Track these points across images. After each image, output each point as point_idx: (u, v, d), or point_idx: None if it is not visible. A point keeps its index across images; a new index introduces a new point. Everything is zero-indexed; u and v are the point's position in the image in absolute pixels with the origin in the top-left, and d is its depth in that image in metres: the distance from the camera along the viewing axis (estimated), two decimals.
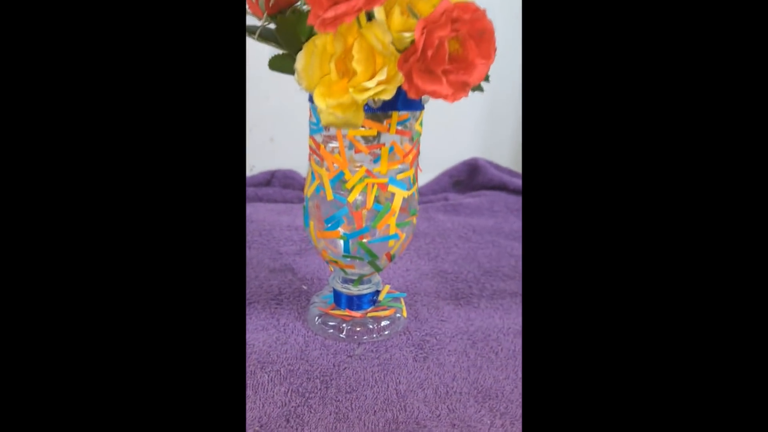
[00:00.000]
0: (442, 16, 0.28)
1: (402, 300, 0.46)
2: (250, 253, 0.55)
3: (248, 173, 0.73)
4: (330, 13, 0.26)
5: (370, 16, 0.31)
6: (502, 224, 0.67)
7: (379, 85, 0.29)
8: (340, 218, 0.39)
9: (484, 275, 0.54)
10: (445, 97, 0.30)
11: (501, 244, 0.62)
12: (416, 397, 0.37)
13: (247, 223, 0.62)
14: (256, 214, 0.65)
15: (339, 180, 0.38)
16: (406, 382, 0.38)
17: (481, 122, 0.82)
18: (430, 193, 0.77)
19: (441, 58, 0.29)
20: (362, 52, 0.30)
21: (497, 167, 0.79)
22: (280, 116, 0.72)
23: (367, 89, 0.29)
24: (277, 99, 0.72)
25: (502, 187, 0.76)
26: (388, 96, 0.30)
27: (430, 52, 0.28)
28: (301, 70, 0.31)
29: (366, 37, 0.29)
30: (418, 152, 0.40)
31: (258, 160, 0.73)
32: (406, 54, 0.29)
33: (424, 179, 0.78)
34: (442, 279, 0.53)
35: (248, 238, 0.59)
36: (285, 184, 0.72)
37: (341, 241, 0.40)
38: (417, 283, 0.52)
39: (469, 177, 0.78)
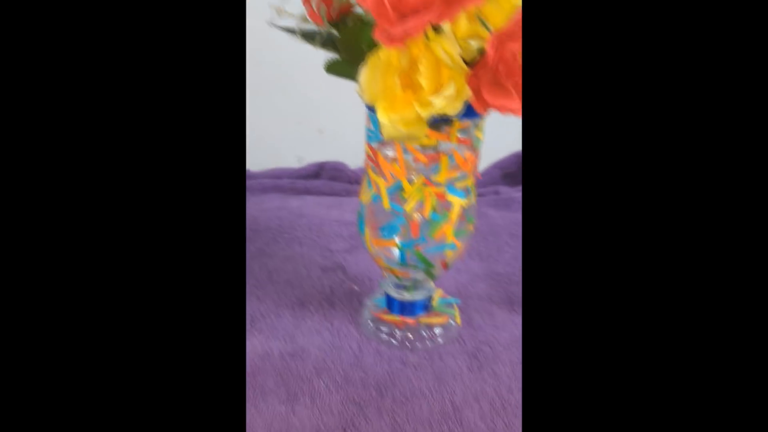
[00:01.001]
0: (515, 28, 0.26)
1: (455, 306, 0.46)
2: (302, 250, 0.56)
3: (297, 165, 0.73)
4: (398, 29, 0.25)
5: (436, 28, 0.29)
6: None
7: (446, 100, 0.28)
8: (397, 227, 0.39)
9: None
10: (515, 112, 0.29)
11: None
12: (472, 410, 0.36)
13: (298, 218, 0.62)
14: (306, 207, 0.65)
15: (397, 189, 0.38)
16: (461, 393, 0.38)
17: None
18: (480, 186, 0.75)
19: (515, 70, 0.27)
20: (429, 66, 0.28)
21: None
22: (328, 108, 0.72)
23: (433, 105, 0.28)
24: (326, 90, 0.71)
25: None
26: (454, 111, 0.29)
27: (501, 67, 0.27)
28: (365, 84, 0.30)
29: (434, 50, 0.28)
30: (478, 158, 0.39)
31: (306, 152, 0.73)
32: (476, 69, 0.28)
33: None
34: (495, 281, 0.52)
35: (299, 233, 0.59)
36: (333, 177, 0.72)
37: (396, 249, 0.40)
38: (469, 286, 0.51)
39: (520, 169, 0.76)
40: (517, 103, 0.28)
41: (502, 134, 0.80)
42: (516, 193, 0.71)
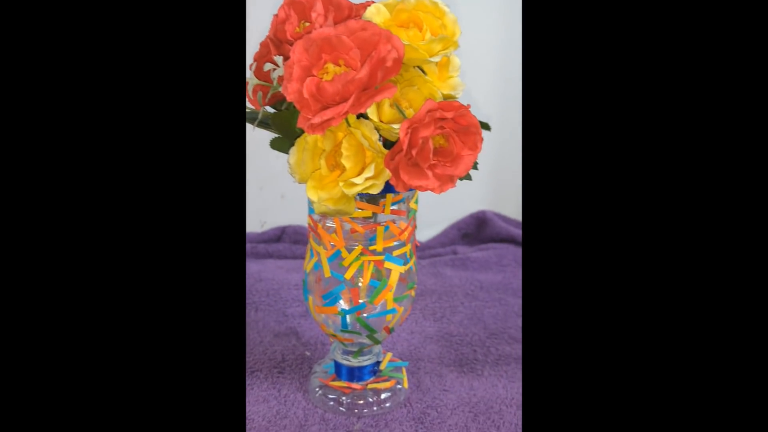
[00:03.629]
0: (426, 116, 0.29)
1: (404, 369, 0.46)
2: (257, 316, 0.56)
3: (260, 230, 0.75)
4: (317, 119, 0.28)
5: (361, 114, 0.32)
6: (511, 279, 0.67)
7: (367, 181, 0.31)
8: (338, 294, 0.40)
9: (490, 338, 0.54)
10: (432, 190, 0.31)
11: (508, 302, 0.61)
12: None
13: (257, 282, 0.63)
14: (266, 272, 0.66)
15: (337, 257, 0.39)
16: None
17: (488, 174, 0.82)
18: (439, 246, 0.77)
19: (426, 155, 0.30)
20: (351, 149, 0.31)
21: (505, 219, 0.79)
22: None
23: (356, 185, 0.31)
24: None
25: (510, 240, 0.76)
26: (376, 190, 0.31)
27: (414, 151, 0.29)
28: (294, 165, 0.32)
29: (354, 135, 0.31)
30: (414, 228, 0.41)
31: (269, 216, 0.75)
32: (392, 152, 0.30)
33: (432, 232, 0.78)
34: (447, 342, 0.53)
35: (256, 299, 0.60)
36: (295, 240, 0.73)
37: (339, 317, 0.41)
38: (421, 348, 0.52)
39: (477, 229, 0.78)
40: (433, 183, 0.31)
41: (461, 195, 0.83)
42: (473, 253, 0.73)
